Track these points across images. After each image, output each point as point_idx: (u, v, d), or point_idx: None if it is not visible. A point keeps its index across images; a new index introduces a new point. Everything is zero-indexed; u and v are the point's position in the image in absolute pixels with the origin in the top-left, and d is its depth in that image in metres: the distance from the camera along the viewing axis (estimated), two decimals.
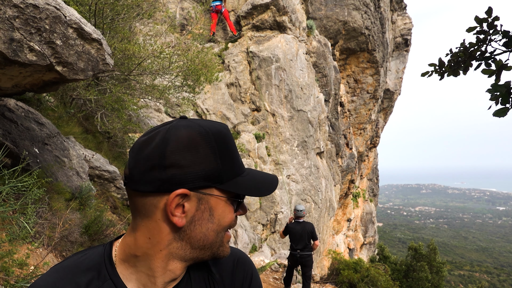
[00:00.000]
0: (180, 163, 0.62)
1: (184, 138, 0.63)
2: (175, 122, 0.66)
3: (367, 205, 19.66)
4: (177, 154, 0.62)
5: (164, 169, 0.61)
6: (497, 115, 2.14)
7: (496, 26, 2.31)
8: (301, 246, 5.57)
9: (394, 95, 19.87)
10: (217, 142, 0.65)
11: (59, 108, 4.77)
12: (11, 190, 2.59)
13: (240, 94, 10.39)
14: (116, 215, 4.36)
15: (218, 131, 0.67)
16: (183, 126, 0.65)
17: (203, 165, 0.63)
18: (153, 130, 0.67)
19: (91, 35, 2.45)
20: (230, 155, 0.68)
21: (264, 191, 0.70)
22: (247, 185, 0.69)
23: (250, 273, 0.83)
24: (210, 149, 0.64)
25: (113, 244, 0.72)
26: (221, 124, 0.70)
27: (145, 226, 0.65)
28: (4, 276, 2.12)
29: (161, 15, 8.11)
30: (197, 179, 0.63)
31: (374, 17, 13.62)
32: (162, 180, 0.62)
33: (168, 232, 0.65)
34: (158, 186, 0.62)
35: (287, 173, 10.17)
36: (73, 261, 0.68)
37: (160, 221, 0.64)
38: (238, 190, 0.67)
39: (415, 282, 15.18)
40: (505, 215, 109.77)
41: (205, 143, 0.64)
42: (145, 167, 0.62)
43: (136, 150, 0.65)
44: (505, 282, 42.78)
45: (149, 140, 0.64)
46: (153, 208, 0.64)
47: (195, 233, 0.66)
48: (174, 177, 0.62)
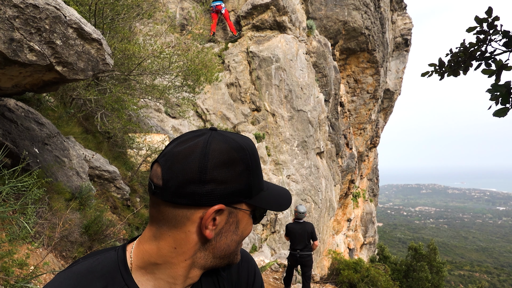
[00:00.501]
0: (218, 179, 0.63)
1: (224, 154, 0.64)
2: (210, 135, 0.67)
3: (367, 205, 19.66)
4: (217, 170, 0.63)
5: (204, 184, 0.62)
6: (497, 115, 2.14)
7: (496, 26, 2.31)
8: (301, 246, 5.56)
9: (394, 95, 19.87)
10: (251, 159, 0.68)
11: (59, 108, 4.77)
12: (11, 190, 2.59)
13: (240, 94, 10.39)
14: (116, 215, 4.36)
15: (251, 148, 0.69)
16: (221, 141, 0.66)
17: (238, 181, 0.65)
18: (187, 141, 0.66)
19: (91, 35, 2.45)
20: (258, 170, 0.70)
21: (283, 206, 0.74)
22: (269, 199, 0.72)
23: (253, 270, 0.86)
24: (245, 165, 0.66)
25: (126, 249, 0.71)
26: (250, 140, 0.73)
27: (172, 236, 0.66)
28: (4, 276, 2.12)
29: (161, 15, 8.11)
30: (232, 194, 0.65)
31: (374, 17, 13.62)
32: (200, 194, 0.62)
33: (196, 243, 0.66)
34: (195, 200, 0.63)
35: (287, 173, 10.17)
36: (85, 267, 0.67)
37: (190, 233, 0.65)
38: (263, 204, 0.70)
39: (415, 282, 15.18)
40: (505, 215, 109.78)
41: (241, 159, 0.66)
42: (183, 181, 0.62)
43: (172, 161, 0.64)
44: (505, 282, 42.78)
45: (186, 152, 0.64)
46: (184, 220, 0.64)
47: (219, 244, 0.68)
48: (213, 192, 0.63)
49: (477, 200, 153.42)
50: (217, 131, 0.69)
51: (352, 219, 17.27)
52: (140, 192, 5.42)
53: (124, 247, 0.71)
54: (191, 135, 0.68)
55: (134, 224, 4.46)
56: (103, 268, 0.67)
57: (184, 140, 0.67)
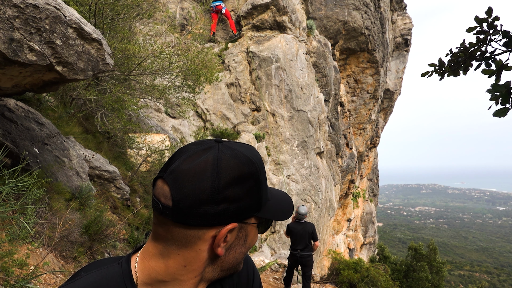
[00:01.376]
0: (230, 197, 0.61)
1: (234, 171, 0.62)
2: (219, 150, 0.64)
3: (367, 205, 19.66)
4: (229, 189, 0.61)
5: (217, 204, 0.60)
6: (497, 115, 2.14)
7: (496, 26, 2.31)
8: (301, 246, 5.57)
9: (394, 95, 19.87)
10: (260, 172, 0.66)
11: (59, 108, 4.77)
12: (11, 190, 2.59)
13: (240, 94, 10.39)
14: (116, 215, 4.36)
15: (259, 160, 0.67)
16: (231, 156, 0.63)
17: (250, 198, 0.64)
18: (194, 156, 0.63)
19: (91, 35, 2.45)
20: (265, 182, 0.69)
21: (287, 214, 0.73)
22: (275, 209, 0.71)
23: (252, 270, 0.86)
24: (255, 181, 0.65)
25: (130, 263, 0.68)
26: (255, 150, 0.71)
27: (181, 255, 0.64)
28: (4, 276, 2.12)
29: (161, 15, 8.11)
30: (243, 211, 0.64)
31: (374, 17, 13.62)
32: (212, 214, 0.61)
33: (206, 260, 0.66)
34: (208, 221, 0.61)
35: (287, 173, 10.17)
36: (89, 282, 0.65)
37: (201, 251, 0.64)
38: (269, 216, 0.69)
39: (415, 282, 15.18)
40: (505, 215, 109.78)
41: (250, 175, 0.64)
42: (195, 202, 0.60)
43: (181, 181, 0.61)
44: (505, 282, 42.78)
45: (197, 171, 0.61)
46: (196, 239, 0.63)
47: (228, 258, 0.68)
48: (225, 212, 0.61)
49: (477, 200, 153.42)
50: (223, 144, 0.67)
51: (352, 219, 17.27)
52: (140, 192, 5.42)
53: (129, 260, 0.69)
54: (198, 148, 0.65)
55: (134, 224, 4.46)
56: (108, 283, 0.65)
57: (191, 155, 0.64)
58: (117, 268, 0.67)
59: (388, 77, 19.10)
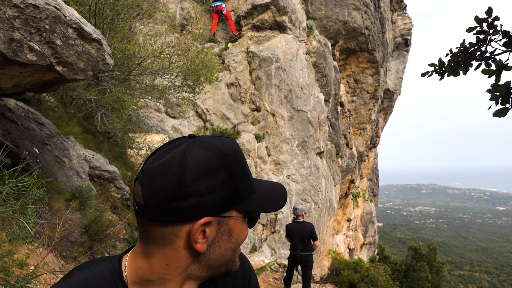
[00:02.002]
0: (200, 191, 0.60)
1: (202, 164, 0.61)
2: (187, 144, 0.63)
3: (367, 205, 19.66)
4: (197, 182, 0.59)
5: (186, 198, 0.59)
6: (497, 115, 2.14)
7: (496, 26, 2.31)
8: (301, 246, 5.56)
9: (394, 95, 19.87)
10: (234, 163, 0.64)
11: (59, 108, 4.77)
12: (11, 190, 2.59)
13: (240, 94, 10.39)
14: (116, 215, 4.36)
15: (233, 150, 0.65)
16: (199, 149, 0.62)
17: (223, 190, 0.62)
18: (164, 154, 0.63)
19: (91, 35, 2.45)
20: (245, 173, 0.66)
21: (278, 205, 0.70)
22: (261, 201, 0.68)
23: (248, 272, 0.85)
24: (228, 172, 0.62)
25: (121, 262, 0.69)
26: (232, 141, 0.69)
27: (162, 253, 0.64)
28: (4, 276, 2.12)
29: (161, 15, 8.11)
30: (218, 204, 0.62)
31: (374, 17, 13.62)
32: (183, 209, 0.59)
33: (187, 257, 0.64)
34: (179, 216, 0.60)
35: (287, 173, 10.17)
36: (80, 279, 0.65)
37: (180, 248, 0.63)
38: (255, 208, 0.67)
39: (415, 282, 15.18)
40: (505, 215, 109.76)
41: (223, 166, 0.62)
42: (164, 198, 0.59)
43: (150, 179, 0.61)
44: (505, 282, 42.78)
45: (164, 168, 0.60)
46: (173, 236, 0.62)
47: (214, 255, 0.66)
48: (196, 206, 0.60)
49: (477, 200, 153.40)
50: (196, 138, 0.65)
51: (352, 219, 17.27)
52: None
53: (120, 259, 0.69)
54: (169, 146, 0.65)
55: (134, 224, 4.46)
56: (100, 281, 0.65)
57: (161, 153, 0.63)
58: (108, 267, 0.68)
59: (388, 77, 19.10)
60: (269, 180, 0.76)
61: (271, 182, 0.75)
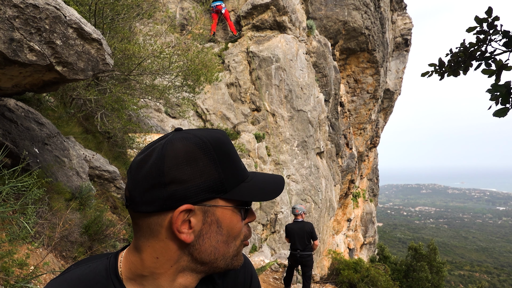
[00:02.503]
0: (180, 178, 0.60)
1: (181, 152, 0.61)
2: (170, 136, 0.64)
3: (367, 205, 19.66)
4: (176, 169, 0.60)
5: (164, 186, 0.59)
6: (497, 115, 2.14)
7: (496, 26, 2.31)
8: (300, 246, 5.56)
9: (394, 95, 19.87)
10: (216, 151, 0.63)
11: (59, 108, 4.77)
12: (11, 190, 2.59)
13: (240, 94, 10.39)
14: (116, 215, 4.36)
15: (216, 139, 0.65)
16: (178, 139, 0.62)
17: (204, 177, 0.61)
18: (148, 147, 0.64)
19: (91, 35, 2.45)
20: (231, 162, 0.65)
21: (271, 194, 0.68)
22: (252, 190, 0.66)
23: (250, 274, 0.83)
24: (209, 159, 0.62)
25: (118, 258, 0.69)
26: (219, 131, 0.68)
27: (151, 246, 0.63)
28: (4, 276, 2.12)
29: (161, 15, 8.11)
30: (199, 192, 0.61)
31: (374, 17, 13.62)
32: (163, 198, 0.60)
33: (176, 249, 0.63)
34: (161, 205, 0.60)
35: (287, 173, 10.17)
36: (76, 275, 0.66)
37: (167, 240, 0.62)
38: (243, 197, 0.65)
39: (415, 282, 15.18)
40: (505, 215, 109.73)
41: (203, 153, 0.62)
42: (145, 187, 0.60)
43: (133, 171, 0.63)
44: (505, 282, 42.78)
45: (145, 159, 0.62)
46: (158, 227, 0.62)
47: (204, 247, 0.64)
48: (176, 194, 0.60)
49: (477, 200, 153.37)
50: (180, 131, 0.66)
51: (352, 219, 17.27)
52: None
53: (117, 255, 0.70)
54: (155, 141, 0.66)
55: None
56: (95, 276, 0.66)
57: (147, 147, 0.65)
58: (105, 263, 0.68)
59: (388, 77, 19.10)
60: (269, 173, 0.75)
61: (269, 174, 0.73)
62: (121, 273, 0.66)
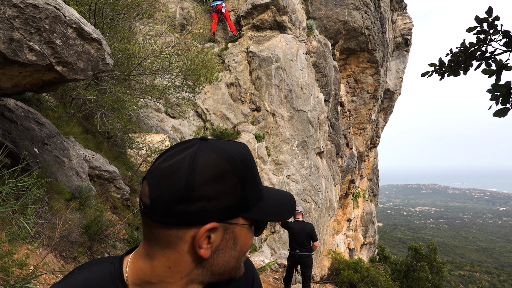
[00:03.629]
0: (208, 195, 0.59)
1: (213, 168, 0.59)
2: (198, 146, 0.62)
3: (367, 205, 19.66)
4: (206, 186, 0.58)
5: (193, 202, 0.58)
6: (498, 115, 2.13)
7: (497, 26, 2.31)
8: (300, 246, 5.57)
9: (394, 95, 19.86)
10: (244, 169, 0.63)
11: (59, 108, 4.76)
12: (11, 190, 2.58)
13: (240, 94, 10.39)
14: (116, 215, 4.35)
15: (244, 157, 0.64)
16: (210, 153, 0.61)
17: (231, 196, 0.61)
18: (174, 155, 0.62)
19: (91, 35, 2.45)
20: (255, 181, 0.65)
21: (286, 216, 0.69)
22: (270, 210, 0.67)
23: (252, 276, 0.83)
24: (238, 178, 0.61)
25: (122, 263, 0.68)
26: (243, 146, 0.68)
27: (165, 256, 0.63)
28: (4, 276, 2.11)
29: (161, 15, 8.10)
30: (226, 210, 0.61)
31: (374, 17, 13.62)
32: (189, 213, 0.59)
33: (191, 262, 0.63)
34: (185, 220, 0.59)
35: (287, 173, 10.17)
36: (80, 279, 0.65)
37: (183, 252, 0.62)
38: (262, 217, 0.66)
39: (415, 282, 15.17)
40: (505, 215, 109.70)
41: (233, 172, 0.61)
42: (171, 200, 0.58)
43: (158, 179, 0.60)
44: (505, 282, 42.78)
45: (173, 169, 0.60)
46: (177, 240, 0.61)
47: (217, 262, 0.64)
48: (203, 210, 0.59)
49: (477, 200, 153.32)
50: (207, 141, 0.64)
51: (352, 219, 17.27)
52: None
53: (121, 260, 0.69)
54: (179, 147, 0.64)
55: (134, 224, 4.46)
56: (99, 281, 0.65)
57: (171, 154, 0.63)
58: (109, 268, 0.67)
59: (388, 77, 19.09)
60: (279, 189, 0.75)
61: (281, 191, 0.74)
62: (127, 279, 0.66)
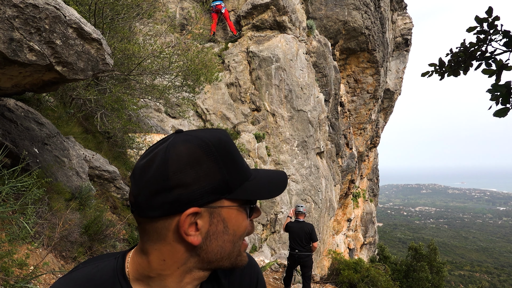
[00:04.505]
0: (185, 182, 0.60)
1: (184, 155, 0.61)
2: (172, 139, 0.64)
3: (367, 205, 19.66)
4: (180, 173, 0.60)
5: (170, 191, 0.59)
6: (498, 115, 2.13)
7: (497, 26, 2.31)
8: (299, 246, 5.57)
9: (394, 95, 19.86)
10: (219, 152, 0.63)
11: (59, 108, 4.76)
12: (11, 190, 2.58)
13: (240, 94, 10.39)
14: (116, 215, 4.35)
15: (218, 139, 0.64)
16: (181, 142, 0.62)
17: (209, 179, 0.61)
18: (150, 151, 0.64)
19: (91, 35, 2.45)
20: (234, 162, 0.65)
21: (275, 191, 0.69)
22: (256, 189, 0.67)
23: (256, 276, 0.83)
24: (212, 161, 0.62)
25: (125, 258, 0.70)
26: (220, 131, 0.68)
27: (158, 249, 0.64)
28: (4, 276, 2.11)
29: (161, 15, 8.10)
30: (205, 194, 0.61)
31: (374, 17, 13.61)
32: (169, 202, 0.60)
33: (184, 251, 0.64)
34: (167, 209, 0.60)
35: (287, 173, 10.16)
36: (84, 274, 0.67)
37: (174, 243, 0.63)
38: (248, 196, 0.66)
39: (415, 282, 15.16)
40: (505, 215, 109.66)
41: (206, 155, 0.62)
42: (150, 193, 0.60)
43: (137, 176, 0.63)
44: (505, 282, 42.77)
45: (148, 163, 0.62)
46: (165, 231, 0.62)
47: (211, 248, 0.65)
48: (181, 197, 0.60)
49: (477, 200, 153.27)
50: (181, 133, 0.65)
51: (352, 219, 17.27)
52: None
53: (124, 255, 0.70)
54: (156, 144, 0.65)
55: (134, 224, 4.45)
56: (102, 276, 0.66)
57: (149, 151, 0.64)
58: (112, 263, 0.69)
59: (388, 77, 19.09)
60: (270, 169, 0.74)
61: (271, 170, 0.73)
62: (128, 274, 0.67)
